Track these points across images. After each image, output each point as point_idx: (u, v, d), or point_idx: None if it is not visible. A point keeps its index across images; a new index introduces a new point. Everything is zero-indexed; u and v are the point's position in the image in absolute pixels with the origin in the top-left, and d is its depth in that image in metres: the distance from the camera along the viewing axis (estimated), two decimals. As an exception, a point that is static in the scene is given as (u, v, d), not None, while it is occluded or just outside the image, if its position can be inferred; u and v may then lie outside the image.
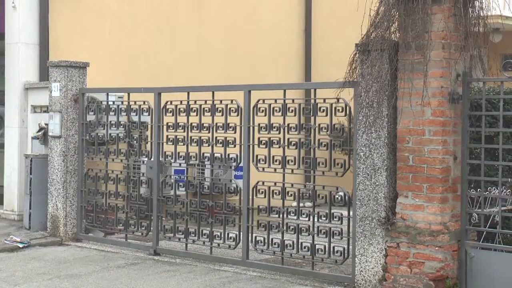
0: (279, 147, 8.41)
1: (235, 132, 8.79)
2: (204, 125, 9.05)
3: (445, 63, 7.11)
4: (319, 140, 8.18)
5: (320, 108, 8.10)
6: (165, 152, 9.48)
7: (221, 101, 8.86)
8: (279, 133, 8.39)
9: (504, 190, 7.27)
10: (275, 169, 8.46)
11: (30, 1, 11.74)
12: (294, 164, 8.34)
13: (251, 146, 8.62)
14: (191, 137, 9.17)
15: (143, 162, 9.97)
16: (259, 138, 8.56)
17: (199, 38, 13.69)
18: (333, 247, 8.02)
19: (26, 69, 11.73)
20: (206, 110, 9.01)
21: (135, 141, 9.88)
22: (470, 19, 7.17)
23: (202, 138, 9.07)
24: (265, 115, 8.47)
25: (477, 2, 7.23)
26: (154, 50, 13.03)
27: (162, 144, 9.46)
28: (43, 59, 11.69)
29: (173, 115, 9.31)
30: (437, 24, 7.10)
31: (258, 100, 8.53)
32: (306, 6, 15.29)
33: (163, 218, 9.58)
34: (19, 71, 11.75)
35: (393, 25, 7.29)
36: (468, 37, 7.16)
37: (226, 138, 8.86)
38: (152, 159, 9.58)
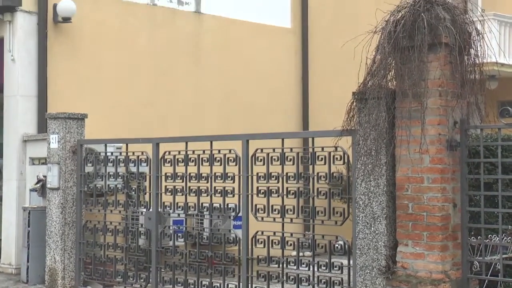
0: (278, 196, 8.37)
1: (233, 182, 8.77)
2: (203, 175, 9.03)
3: (442, 111, 7.12)
4: (318, 188, 8.15)
5: (318, 156, 8.09)
6: (163, 203, 9.44)
7: (219, 150, 8.85)
8: (278, 182, 8.37)
9: (505, 238, 7.22)
10: (274, 219, 8.41)
11: (28, 54, 11.85)
12: (293, 213, 8.30)
13: (249, 196, 8.59)
14: (189, 187, 9.15)
15: (142, 213, 9.93)
16: (257, 188, 8.54)
17: (196, 88, 13.76)
18: (334, 297, 7.94)
19: (25, 121, 11.77)
20: (204, 160, 9.00)
21: (133, 192, 9.85)
22: (466, 67, 7.21)
23: (200, 188, 9.04)
24: (264, 164, 8.46)
25: (473, 50, 7.28)
26: (152, 101, 13.08)
27: (161, 194, 9.43)
28: (41, 111, 11.74)
29: (171, 165, 9.29)
30: (433, 72, 7.13)
31: (256, 150, 8.52)
32: (302, 55, 15.38)
33: (162, 270, 9.50)
34: (17, 123, 11.78)
35: (390, 73, 7.33)
36: (464, 85, 7.19)
37: (224, 187, 8.84)
38: (150, 210, 9.54)
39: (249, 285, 8.55)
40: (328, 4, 15.84)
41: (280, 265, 8.35)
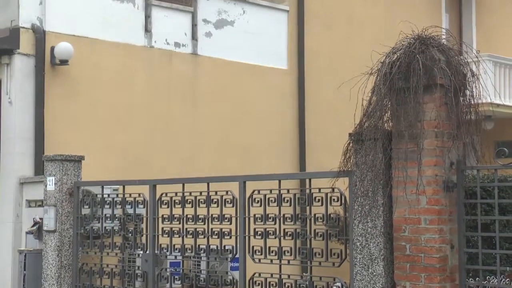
0: (275, 237, 8.35)
1: (230, 223, 8.74)
2: (200, 216, 9.00)
3: (439, 152, 7.13)
4: (315, 230, 8.12)
5: (315, 198, 8.08)
6: (160, 245, 9.39)
7: (216, 192, 8.84)
8: (275, 223, 8.35)
9: (503, 279, 7.18)
10: (271, 260, 8.37)
11: (26, 96, 11.89)
12: (291, 254, 8.26)
13: (247, 237, 8.56)
14: (186, 229, 9.11)
15: (139, 255, 9.87)
16: (254, 229, 8.51)
17: (193, 129, 13.80)
18: None
19: (21, 163, 11.77)
20: (201, 201, 8.98)
21: (130, 234, 9.81)
22: (461, 108, 7.24)
23: (197, 229, 9.01)
24: (261, 206, 8.44)
25: (468, 91, 7.31)
26: (149, 143, 13.11)
27: (158, 236, 9.40)
28: (38, 154, 11.74)
29: (168, 207, 9.27)
30: (429, 113, 7.15)
31: (253, 191, 8.51)
32: (299, 96, 15.48)
33: (159, 313, 9.44)
34: (14, 165, 11.77)
35: (386, 114, 7.35)
36: (460, 125, 7.21)
37: (221, 229, 8.80)
38: (147, 252, 9.50)
39: (247, 328, 8.48)
40: (324, 46, 15.97)
41: (278, 308, 8.29)
